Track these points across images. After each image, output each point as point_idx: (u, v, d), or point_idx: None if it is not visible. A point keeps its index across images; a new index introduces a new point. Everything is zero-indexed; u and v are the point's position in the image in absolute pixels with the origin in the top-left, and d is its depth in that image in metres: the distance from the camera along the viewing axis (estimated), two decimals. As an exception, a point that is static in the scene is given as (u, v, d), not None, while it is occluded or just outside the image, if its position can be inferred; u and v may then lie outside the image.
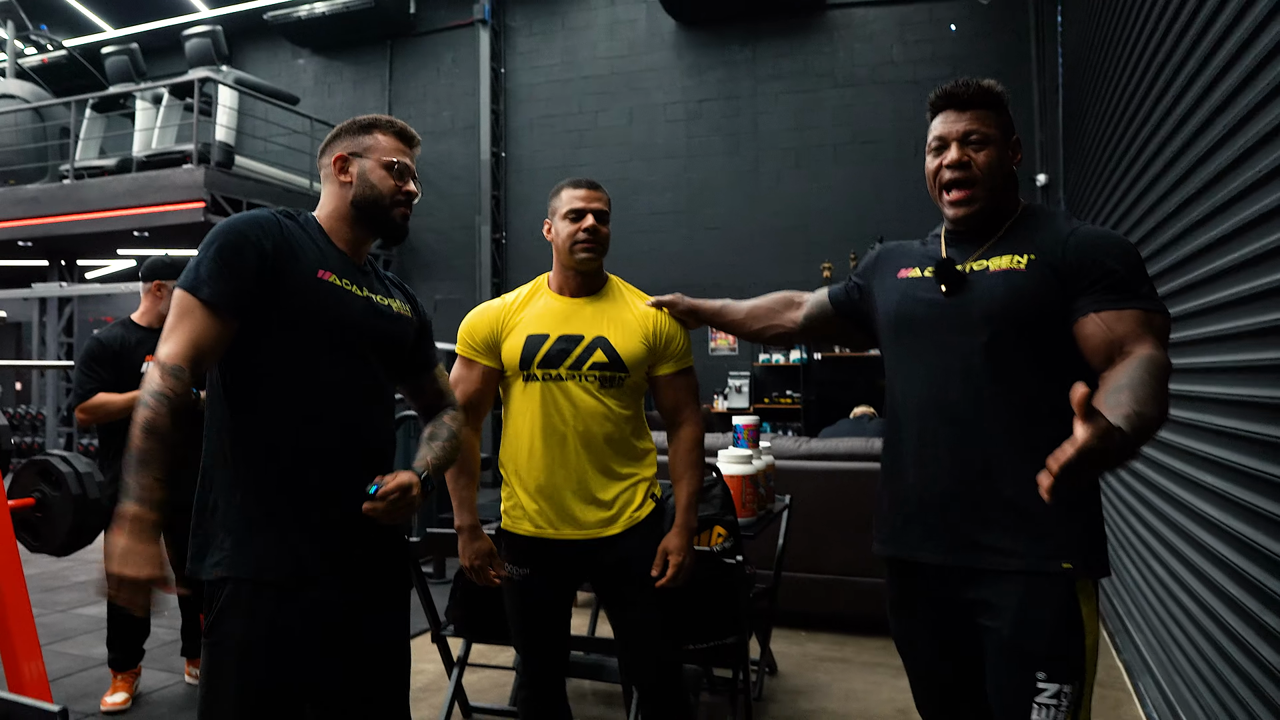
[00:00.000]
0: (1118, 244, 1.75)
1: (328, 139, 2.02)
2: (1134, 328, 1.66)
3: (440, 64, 10.93)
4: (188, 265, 1.78)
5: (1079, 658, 1.68)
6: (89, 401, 3.54)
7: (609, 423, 2.33)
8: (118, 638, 3.73)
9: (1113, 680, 3.91)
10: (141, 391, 1.66)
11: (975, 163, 1.83)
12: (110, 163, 9.68)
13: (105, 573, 1.60)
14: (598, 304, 2.42)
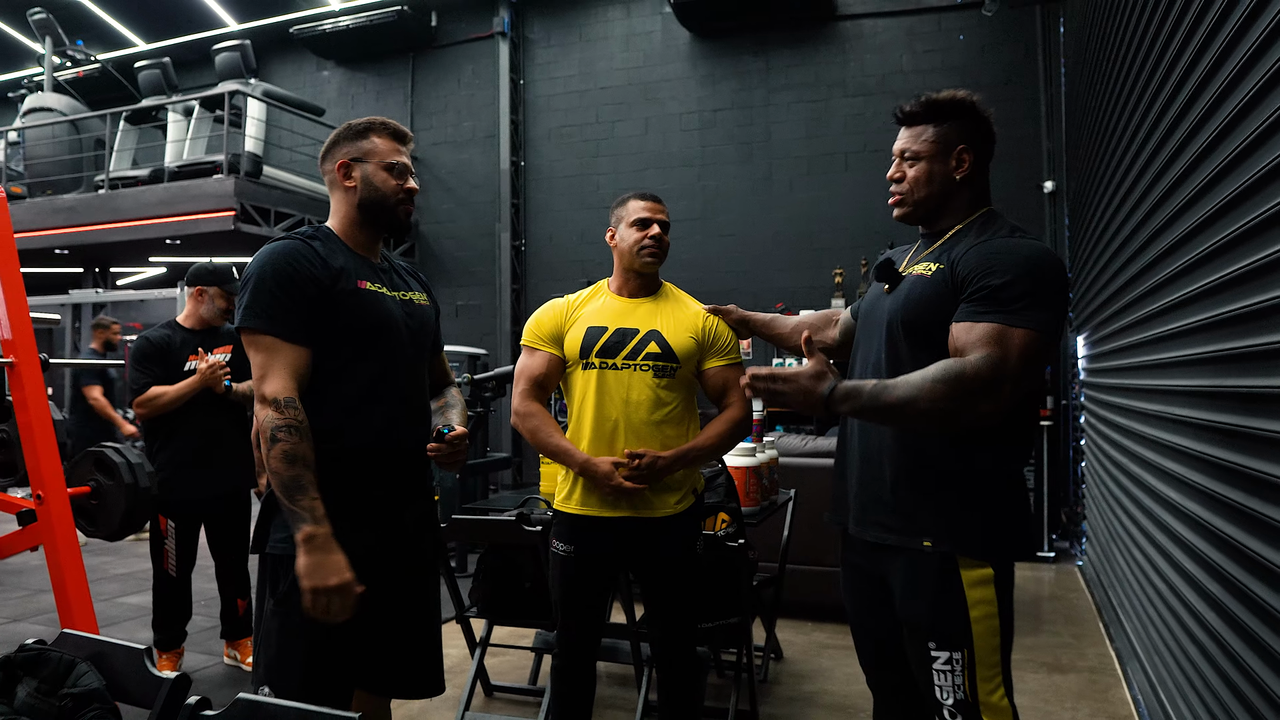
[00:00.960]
0: (1014, 258, 1.82)
1: (326, 145, 2.18)
2: (979, 339, 1.77)
3: (461, 75, 11.20)
4: (245, 305, 1.98)
5: (962, 627, 1.86)
6: (145, 394, 3.83)
7: (659, 409, 2.57)
8: (162, 620, 3.98)
9: (1104, 667, 4.09)
10: (268, 427, 1.88)
11: (906, 178, 2.03)
12: (143, 173, 9.99)
13: (306, 590, 1.85)
14: (653, 303, 2.69)
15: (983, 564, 1.88)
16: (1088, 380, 5.72)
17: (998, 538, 1.90)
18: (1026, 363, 1.76)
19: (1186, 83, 2.49)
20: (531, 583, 3.33)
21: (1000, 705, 1.88)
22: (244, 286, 2.01)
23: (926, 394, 1.73)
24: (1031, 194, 8.29)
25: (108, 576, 6.00)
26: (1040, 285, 1.80)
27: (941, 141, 2.00)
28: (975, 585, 1.87)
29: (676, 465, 2.53)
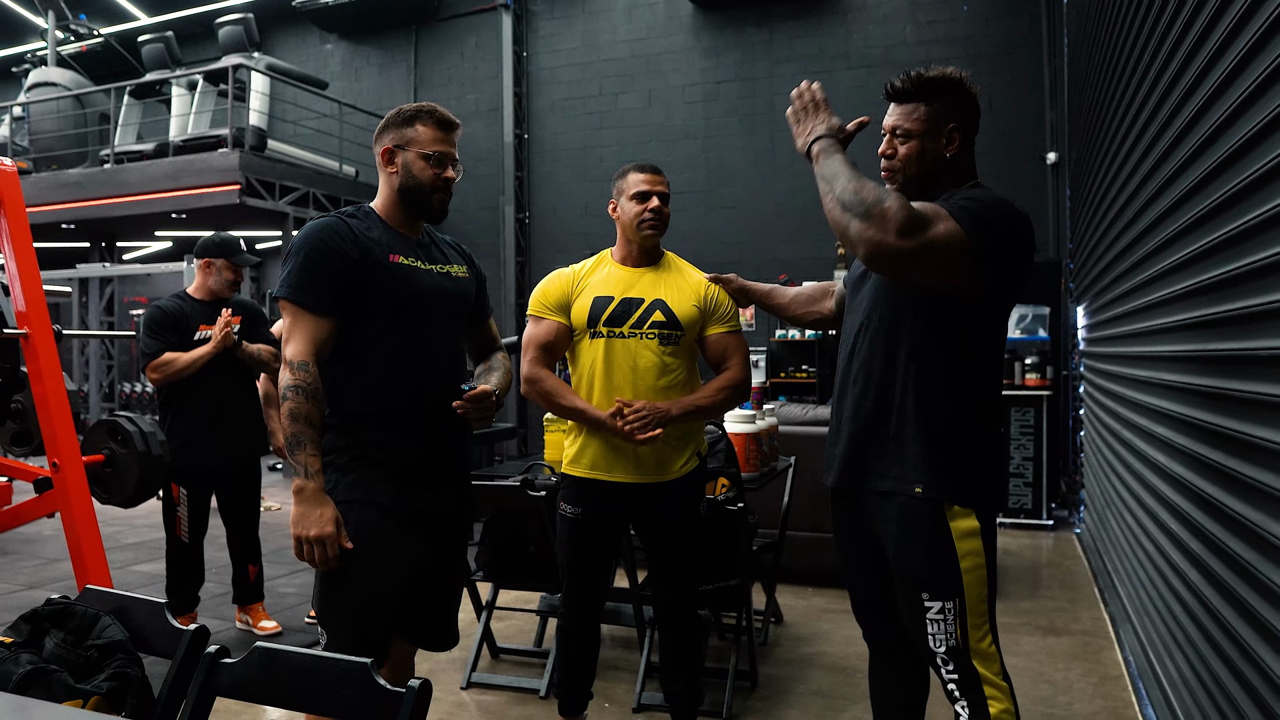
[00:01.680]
0: (984, 203, 1.92)
1: (378, 130, 2.30)
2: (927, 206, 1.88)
3: (464, 48, 11.19)
4: (281, 277, 2.15)
5: (954, 577, 1.95)
6: (159, 359, 3.91)
7: (665, 375, 2.65)
8: (176, 585, 4.08)
9: (1098, 630, 4.17)
10: (284, 386, 2.05)
11: (898, 155, 2.07)
12: (148, 147, 10.03)
13: (293, 536, 2.04)
14: (656, 272, 2.75)
15: (969, 514, 1.96)
16: (1087, 350, 5.77)
17: (983, 489, 2.00)
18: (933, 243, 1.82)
19: (1178, 51, 2.52)
20: (536, 547, 3.41)
21: (989, 651, 1.97)
22: (285, 258, 2.17)
23: (845, 188, 1.84)
24: (1034, 165, 8.30)
25: (120, 545, 6.10)
26: (998, 221, 1.89)
27: (932, 120, 2.04)
28: (964, 537, 1.95)
29: (675, 412, 2.60)
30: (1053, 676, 3.58)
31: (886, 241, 1.79)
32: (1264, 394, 1.78)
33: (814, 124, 1.99)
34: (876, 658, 2.31)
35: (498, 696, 3.45)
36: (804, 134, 2.00)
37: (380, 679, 1.38)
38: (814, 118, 2.00)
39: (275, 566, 5.39)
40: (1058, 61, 7.85)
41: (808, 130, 1.99)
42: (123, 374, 11.89)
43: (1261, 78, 1.75)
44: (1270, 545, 1.74)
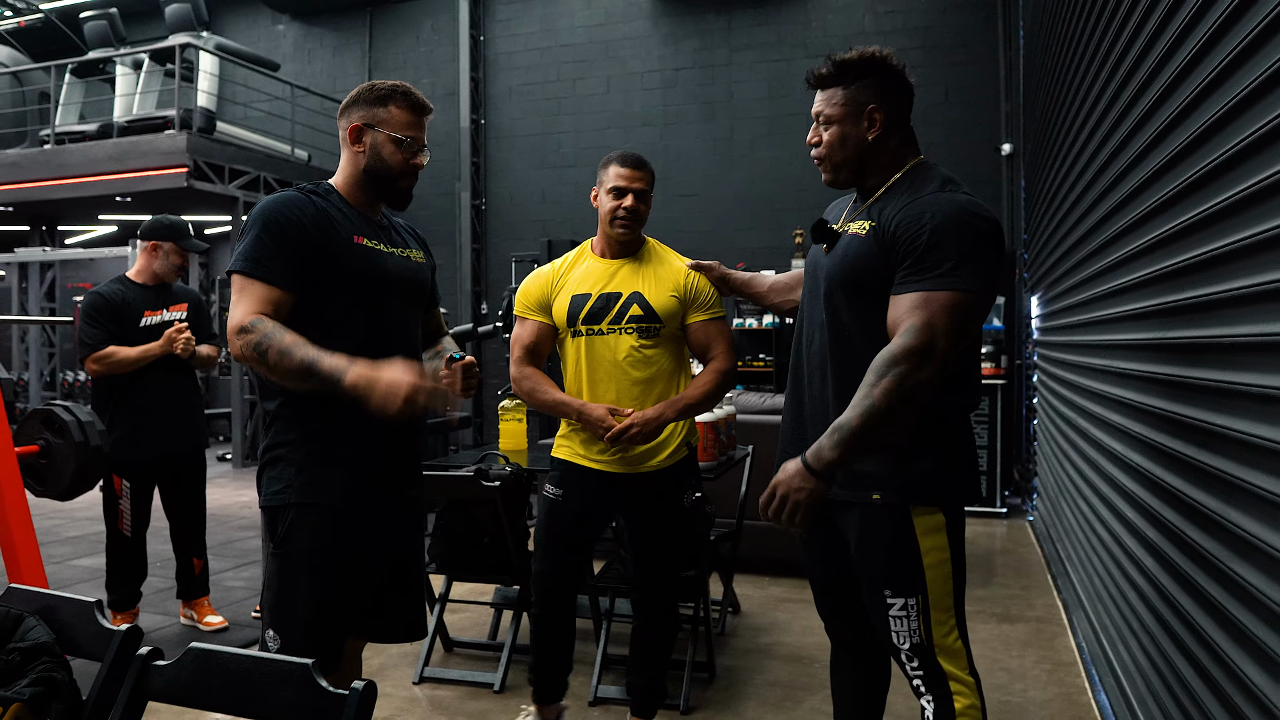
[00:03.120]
0: (938, 218, 1.81)
1: (346, 103, 2.17)
2: (906, 310, 1.80)
3: (420, 31, 11.01)
4: (238, 251, 2.01)
5: (916, 574, 1.91)
6: (101, 352, 3.76)
7: (648, 368, 2.65)
8: (116, 581, 3.95)
9: (1051, 616, 4.21)
10: (250, 349, 1.89)
11: (824, 141, 2.01)
12: (91, 128, 9.72)
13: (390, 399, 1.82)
14: (634, 264, 2.73)
15: (934, 511, 1.92)
16: (1040, 339, 5.82)
17: (945, 484, 1.95)
18: (956, 321, 1.78)
19: (1138, 39, 2.51)
20: (490, 538, 3.34)
21: (954, 647, 1.94)
22: (246, 232, 2.03)
23: (879, 396, 1.76)
24: (989, 156, 8.35)
25: (59, 539, 5.93)
26: (965, 241, 1.80)
27: (851, 103, 1.97)
28: (928, 533, 1.91)
29: (669, 414, 2.60)
30: (1007, 664, 3.59)
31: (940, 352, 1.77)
32: (1223, 381, 1.77)
33: (791, 490, 1.84)
34: (837, 651, 2.28)
35: (451, 691, 3.39)
36: (806, 487, 1.82)
37: (322, 681, 1.32)
38: (782, 491, 1.85)
39: (221, 560, 5.27)
40: (1013, 53, 7.90)
41: (803, 487, 1.82)
42: (65, 362, 11.57)
43: (1224, 64, 1.74)
44: (1228, 532, 1.73)
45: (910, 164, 2.00)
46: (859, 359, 1.91)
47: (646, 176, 2.69)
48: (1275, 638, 1.49)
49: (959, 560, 1.96)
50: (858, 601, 2.11)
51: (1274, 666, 1.50)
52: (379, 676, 3.48)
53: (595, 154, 10.20)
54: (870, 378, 1.79)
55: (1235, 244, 1.69)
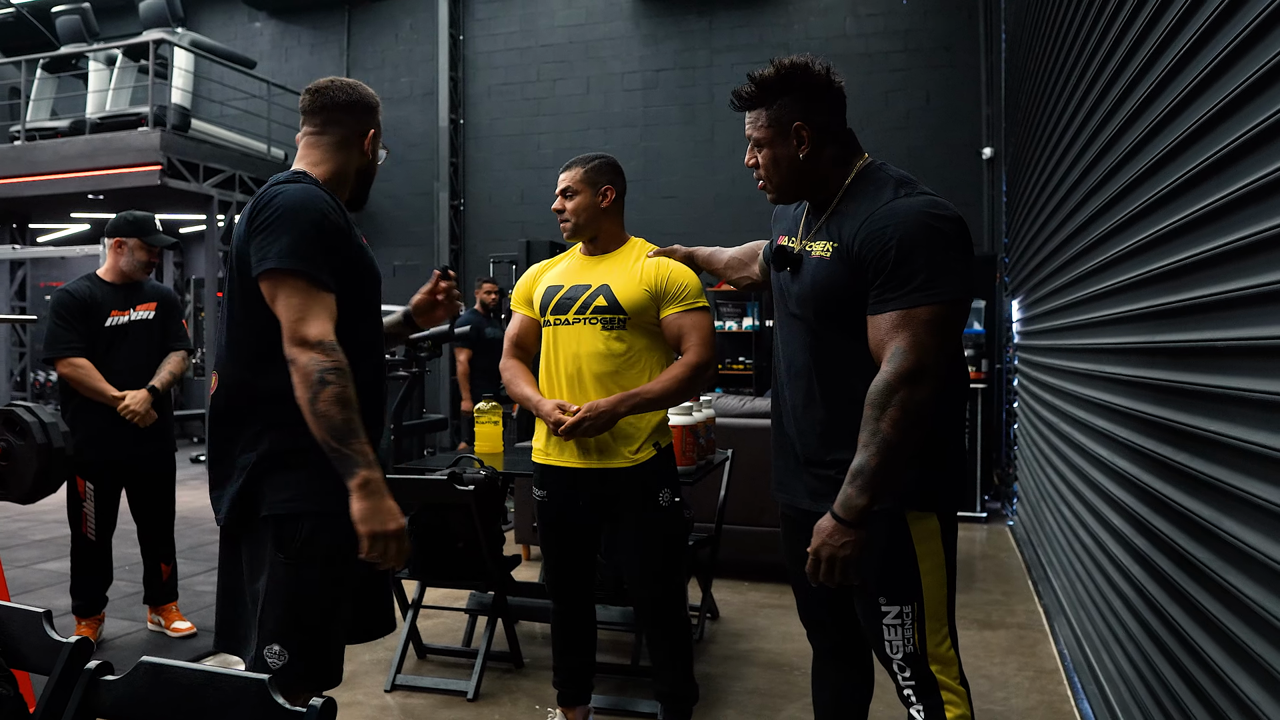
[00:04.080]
0: (904, 223, 1.76)
1: (356, 98, 2.12)
2: (888, 330, 1.75)
3: (399, 29, 10.91)
4: (280, 247, 1.88)
5: (912, 581, 1.86)
6: (79, 362, 3.67)
7: (610, 361, 2.62)
8: (81, 586, 3.84)
9: (1033, 624, 4.18)
10: (315, 370, 1.82)
11: (760, 164, 1.94)
12: (63, 124, 9.57)
13: (364, 536, 1.85)
14: (610, 259, 2.74)
15: (929, 515, 1.88)
16: (1021, 343, 5.80)
17: (939, 488, 1.90)
18: (940, 334, 1.74)
19: (1125, 39, 2.48)
20: (464, 543, 3.27)
21: (947, 655, 1.89)
22: (271, 227, 1.90)
23: (889, 429, 1.71)
24: (970, 159, 8.35)
25: (25, 542, 5.80)
26: (934, 249, 1.74)
27: (775, 124, 1.89)
28: (923, 539, 1.87)
29: (622, 409, 2.54)
30: (989, 671, 3.56)
31: (933, 368, 1.72)
32: (1216, 386, 1.73)
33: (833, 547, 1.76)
34: (820, 659, 2.23)
35: (424, 700, 3.31)
36: (845, 541, 1.76)
37: (279, 698, 1.25)
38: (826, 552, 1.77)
39: (191, 563, 5.17)
40: (994, 57, 7.91)
41: (844, 541, 1.76)
42: (36, 362, 11.38)
43: (1217, 61, 1.70)
44: (1222, 541, 1.69)
45: (857, 168, 1.92)
46: (844, 377, 1.88)
47: (575, 174, 2.70)
48: (1273, 651, 1.44)
49: (952, 566, 1.92)
50: (844, 610, 2.06)
51: (1270, 681, 1.45)
52: (350, 684, 3.40)
53: (574, 155, 10.12)
54: (872, 411, 1.73)
55: (1229, 245, 1.65)
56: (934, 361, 1.73)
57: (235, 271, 2.00)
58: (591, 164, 2.73)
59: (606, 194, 2.72)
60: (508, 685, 3.43)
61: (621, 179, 2.77)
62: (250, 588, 2.02)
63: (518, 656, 3.59)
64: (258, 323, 1.96)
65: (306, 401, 1.83)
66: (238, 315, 2.01)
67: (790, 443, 2.03)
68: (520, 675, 3.53)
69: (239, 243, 1.98)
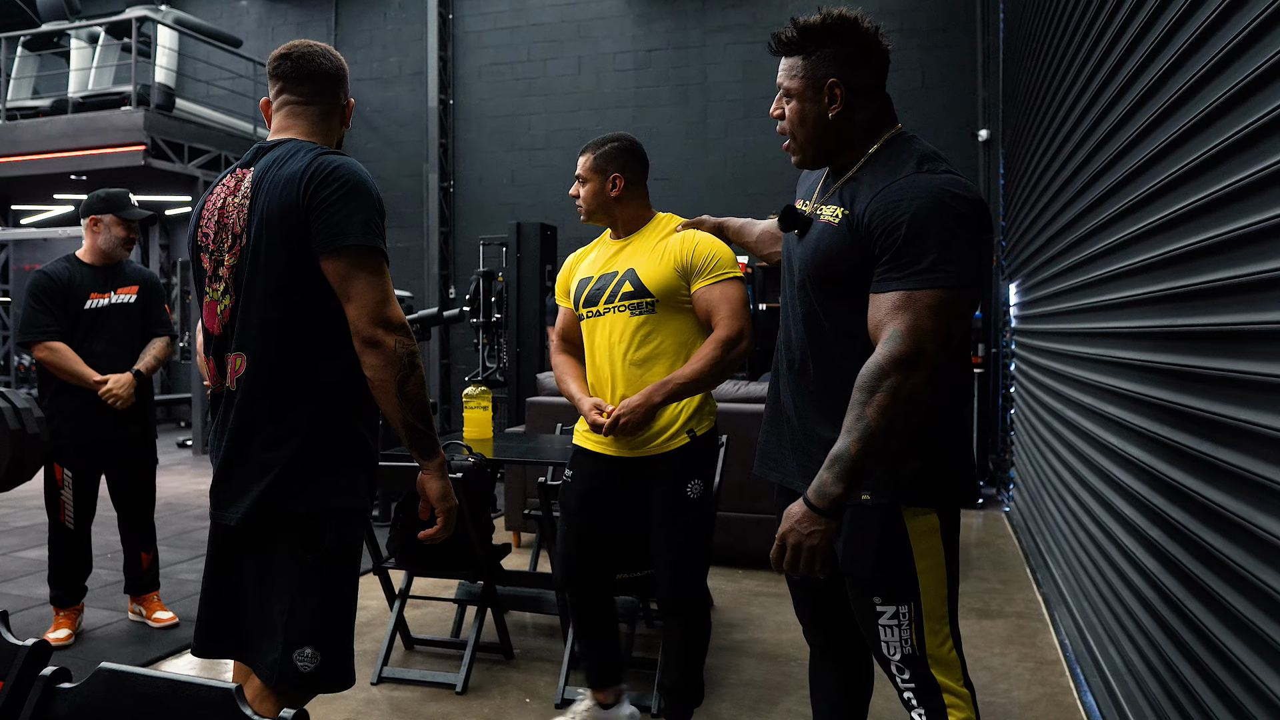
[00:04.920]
0: (920, 200, 1.64)
1: (339, 69, 2.07)
2: (888, 311, 1.63)
3: (387, 8, 10.74)
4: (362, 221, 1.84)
5: (908, 580, 1.76)
6: (56, 346, 3.56)
7: (642, 348, 2.56)
8: (59, 576, 3.74)
9: (1032, 613, 4.11)
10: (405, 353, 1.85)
11: (786, 116, 1.82)
12: (45, 103, 9.40)
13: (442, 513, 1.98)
14: (635, 241, 2.67)
15: (928, 511, 1.77)
16: (1019, 327, 5.73)
17: (940, 483, 1.79)
18: (943, 321, 1.61)
19: (1140, 10, 2.39)
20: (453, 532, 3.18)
21: (949, 657, 1.79)
22: (344, 200, 1.85)
23: (874, 416, 1.59)
24: (967, 142, 8.26)
25: (6, 530, 5.69)
26: (946, 230, 1.62)
27: (810, 77, 1.76)
28: (921, 535, 1.76)
29: (657, 398, 2.47)
30: (990, 662, 3.49)
31: (931, 355, 1.60)
32: (1236, 371, 1.65)
33: (802, 535, 1.64)
34: (816, 656, 2.14)
35: (411, 692, 3.23)
36: (816, 529, 1.64)
37: (247, 709, 1.16)
38: (793, 540, 1.65)
39: (175, 551, 5.07)
40: (991, 38, 7.80)
41: (813, 529, 1.64)
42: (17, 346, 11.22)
43: (1243, 35, 1.60)
44: (1244, 531, 1.61)
45: (885, 137, 1.80)
46: (834, 356, 1.78)
47: (586, 160, 2.65)
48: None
49: (953, 564, 1.82)
50: (840, 607, 1.97)
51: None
52: (336, 677, 3.31)
53: (566, 136, 10.02)
54: (859, 395, 1.61)
55: (1251, 227, 1.57)
56: (933, 348, 1.60)
57: (278, 243, 1.86)
58: (601, 150, 2.65)
59: (616, 182, 2.63)
60: (497, 677, 3.35)
61: (636, 161, 2.68)
62: (265, 588, 1.92)
63: (508, 648, 3.51)
64: (316, 301, 1.87)
65: (395, 384, 1.84)
66: (286, 291, 1.87)
67: (785, 417, 1.94)
68: (510, 667, 3.45)
69: (284, 210, 1.85)
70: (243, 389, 1.90)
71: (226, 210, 1.95)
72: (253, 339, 1.89)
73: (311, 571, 1.90)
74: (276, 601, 1.89)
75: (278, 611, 1.89)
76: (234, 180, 1.97)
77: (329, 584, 1.92)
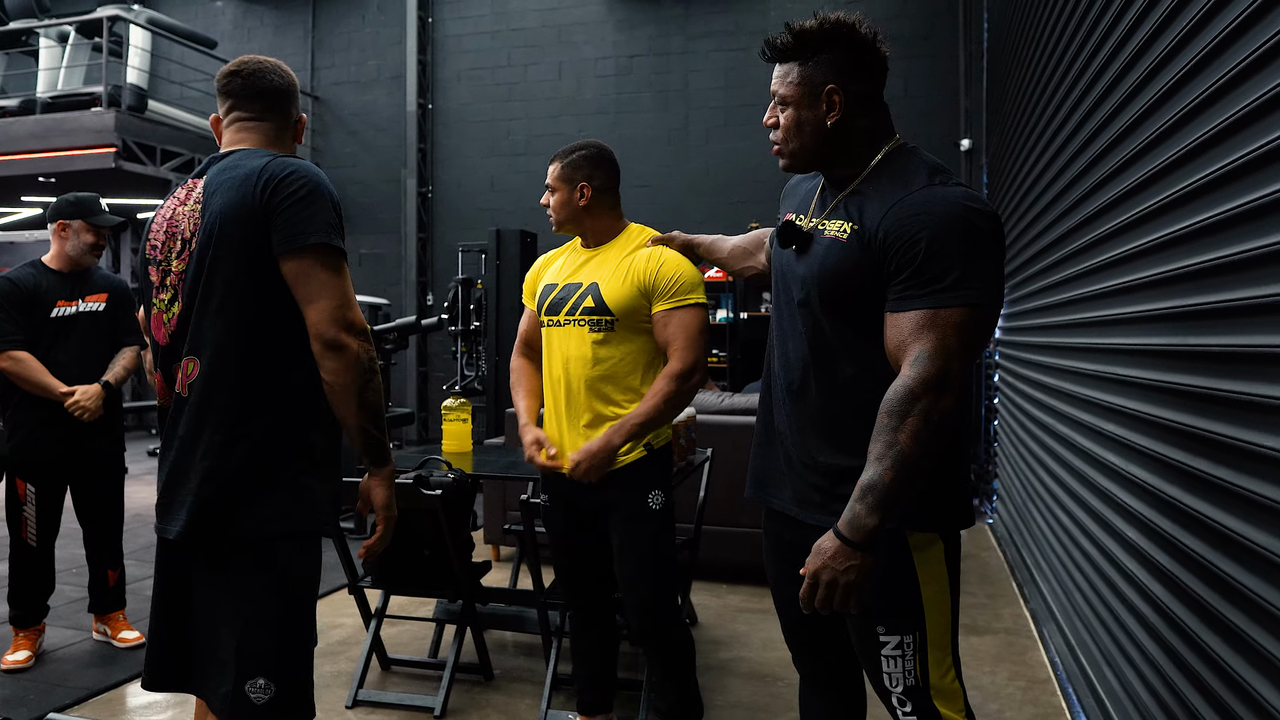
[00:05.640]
0: (939, 215, 1.58)
1: (290, 85, 2.02)
2: (911, 331, 1.57)
3: (366, 11, 10.62)
4: (320, 224, 1.79)
5: (914, 609, 1.69)
6: (20, 355, 3.42)
7: (597, 366, 2.50)
8: (19, 594, 3.61)
9: (1020, 629, 4.06)
10: (366, 358, 1.81)
11: (781, 124, 1.75)
12: (12, 103, 9.19)
13: (385, 521, 1.94)
14: (603, 253, 2.60)
15: (932, 537, 1.71)
16: (1004, 339, 5.69)
17: (943, 506, 1.73)
18: (968, 341, 1.56)
19: (1122, 31, 2.33)
20: (430, 549, 3.08)
21: (951, 688, 1.72)
22: (304, 200, 1.79)
23: (908, 442, 1.52)
24: (949, 152, 8.23)
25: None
26: (969, 247, 1.56)
27: (807, 83, 1.69)
28: (927, 563, 1.70)
29: (617, 441, 2.44)
30: (980, 680, 3.42)
31: (956, 375, 1.55)
32: (1242, 393, 1.60)
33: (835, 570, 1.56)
34: (805, 684, 2.06)
35: (388, 716, 3.12)
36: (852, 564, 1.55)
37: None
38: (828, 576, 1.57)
39: (143, 566, 4.92)
40: (974, 46, 7.79)
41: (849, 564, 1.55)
42: None
43: (1227, 31, 1.55)
44: (1251, 553, 1.56)
45: (885, 149, 1.73)
46: (838, 376, 1.71)
47: (554, 169, 2.59)
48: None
49: (955, 591, 1.75)
50: (834, 636, 1.90)
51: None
52: (309, 699, 3.20)
53: (546, 142, 9.92)
54: (889, 420, 1.54)
55: (1262, 249, 1.52)
56: (958, 370, 1.55)
57: (235, 245, 1.79)
58: (569, 158, 2.57)
59: (583, 191, 2.55)
60: (477, 700, 3.25)
61: (604, 169, 2.58)
62: (216, 613, 1.82)
63: (488, 668, 3.41)
64: (272, 305, 1.81)
65: (356, 389, 1.80)
66: (242, 294, 1.80)
67: (780, 439, 1.86)
68: (490, 688, 3.35)
69: (239, 211, 1.78)
70: (195, 393, 1.82)
71: (176, 219, 1.89)
72: (207, 343, 1.81)
73: (265, 595, 1.81)
74: (227, 627, 1.80)
75: (228, 638, 1.79)
76: (185, 191, 1.92)
77: (284, 610, 1.83)
